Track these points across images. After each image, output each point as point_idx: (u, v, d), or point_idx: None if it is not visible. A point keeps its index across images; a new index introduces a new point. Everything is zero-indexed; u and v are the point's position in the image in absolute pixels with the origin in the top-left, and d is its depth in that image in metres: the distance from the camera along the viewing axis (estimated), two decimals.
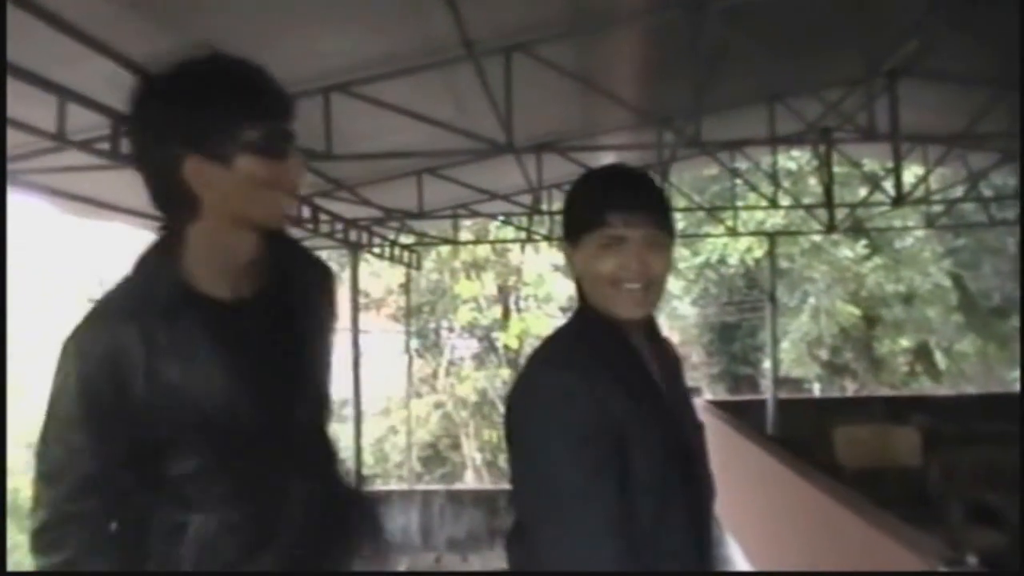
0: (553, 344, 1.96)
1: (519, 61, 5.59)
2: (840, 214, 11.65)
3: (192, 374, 1.74)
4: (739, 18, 5.63)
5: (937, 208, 12.22)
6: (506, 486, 1.93)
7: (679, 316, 20.99)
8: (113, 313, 1.75)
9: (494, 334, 19.09)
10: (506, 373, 18.73)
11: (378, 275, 17.73)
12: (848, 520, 5.28)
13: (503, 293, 19.07)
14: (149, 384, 1.71)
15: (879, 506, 5.23)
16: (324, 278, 2.01)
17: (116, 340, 1.71)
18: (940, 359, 18.40)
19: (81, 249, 20.42)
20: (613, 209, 1.84)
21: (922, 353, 18.47)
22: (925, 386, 18.31)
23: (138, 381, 1.71)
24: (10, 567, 2.32)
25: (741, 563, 8.87)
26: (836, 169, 11.65)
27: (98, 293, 1.82)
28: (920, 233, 17.00)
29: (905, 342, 18.75)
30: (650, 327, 2.00)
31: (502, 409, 14.08)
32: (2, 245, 2.98)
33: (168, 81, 1.70)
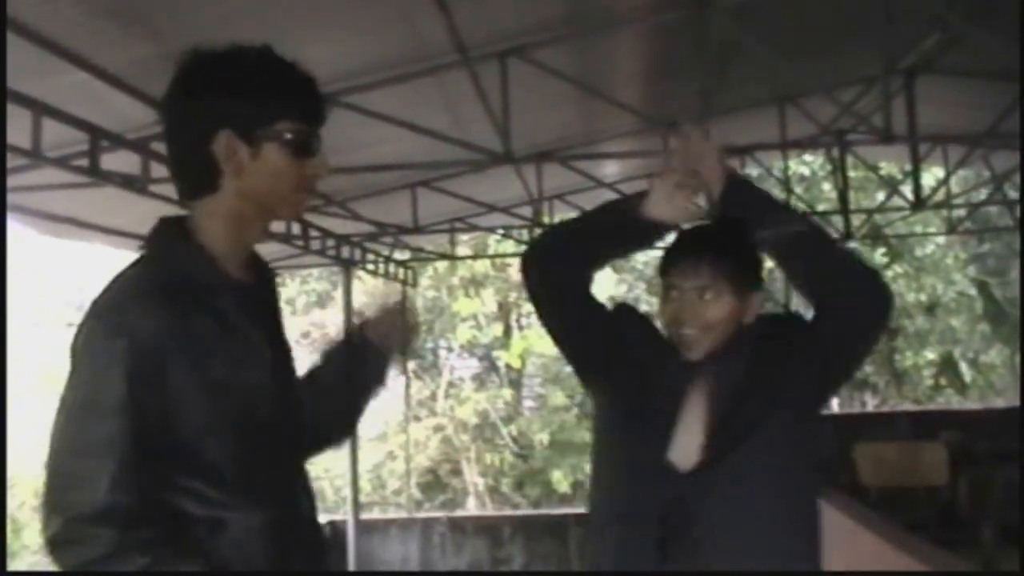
0: None
1: (515, 66, 5.59)
2: (856, 220, 11.63)
3: (234, 357, 1.80)
4: (746, 16, 5.64)
5: (959, 212, 12.22)
6: (510, 513, 2.07)
7: None
8: (150, 292, 1.75)
9: (495, 353, 19.05)
10: (508, 394, 18.68)
11: (372, 294, 17.70)
12: (874, 544, 5.25)
13: (504, 310, 19.03)
14: (195, 368, 1.74)
15: (906, 528, 5.20)
16: (275, 277, 2.11)
17: (159, 320, 1.72)
18: (966, 371, 18.33)
19: (57, 271, 20.40)
20: (670, 262, 2.28)
21: (947, 365, 18.40)
22: (951, 400, 18.25)
23: (184, 364, 1.73)
24: None
25: None
26: (851, 173, 11.66)
27: (76, 318, 1.82)
28: (942, 239, 16.98)
29: (929, 354, 18.68)
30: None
31: (504, 431, 14.21)
32: (2, 260, 3.06)
33: (218, 57, 1.84)
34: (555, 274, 2.32)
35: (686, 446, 2.19)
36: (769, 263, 2.31)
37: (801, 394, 2.24)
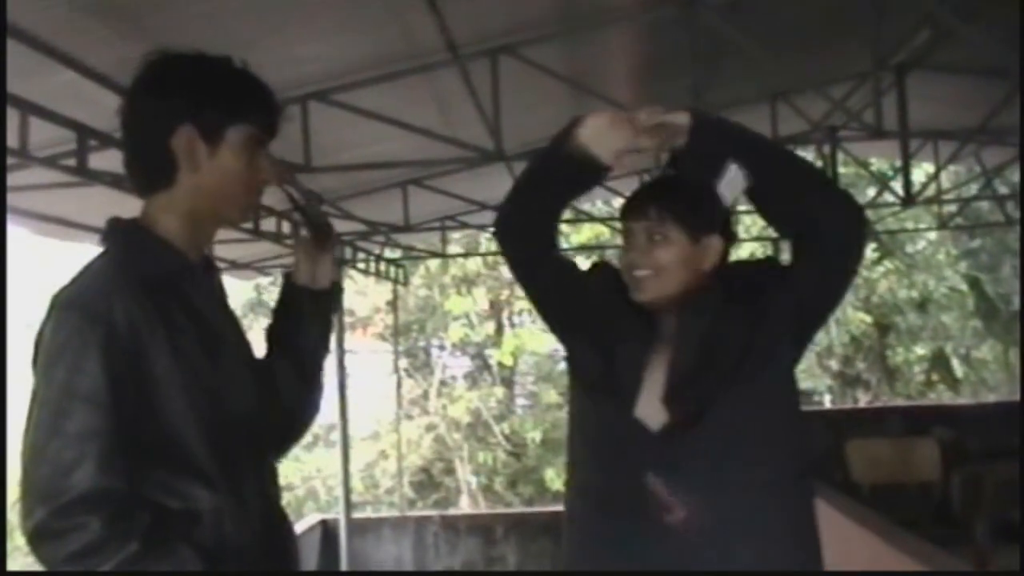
0: None
1: (506, 64, 5.58)
2: None
3: (206, 347, 1.83)
4: (737, 13, 5.63)
5: (950, 208, 12.24)
6: (503, 511, 2.05)
7: None
8: (122, 282, 1.77)
9: (487, 351, 19.05)
10: (500, 392, 18.67)
11: (364, 293, 17.67)
12: (867, 541, 5.26)
13: (496, 308, 19.03)
14: (170, 356, 1.76)
15: (899, 525, 5.20)
16: (220, 276, 2.12)
17: (133, 309, 1.73)
18: (958, 367, 18.37)
19: (48, 271, 20.33)
20: (626, 206, 2.28)
21: (939, 361, 18.43)
22: (943, 396, 18.29)
23: (159, 353, 1.75)
24: None
25: None
26: (842, 169, 11.68)
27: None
28: (933, 235, 16.99)
29: (920, 350, 18.73)
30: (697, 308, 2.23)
31: (497, 430, 14.19)
32: (2, 260, 3.09)
33: (186, 57, 1.89)
34: (521, 237, 2.34)
35: (651, 403, 2.16)
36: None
37: (775, 340, 2.19)
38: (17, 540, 15.60)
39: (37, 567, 1.70)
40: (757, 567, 2.09)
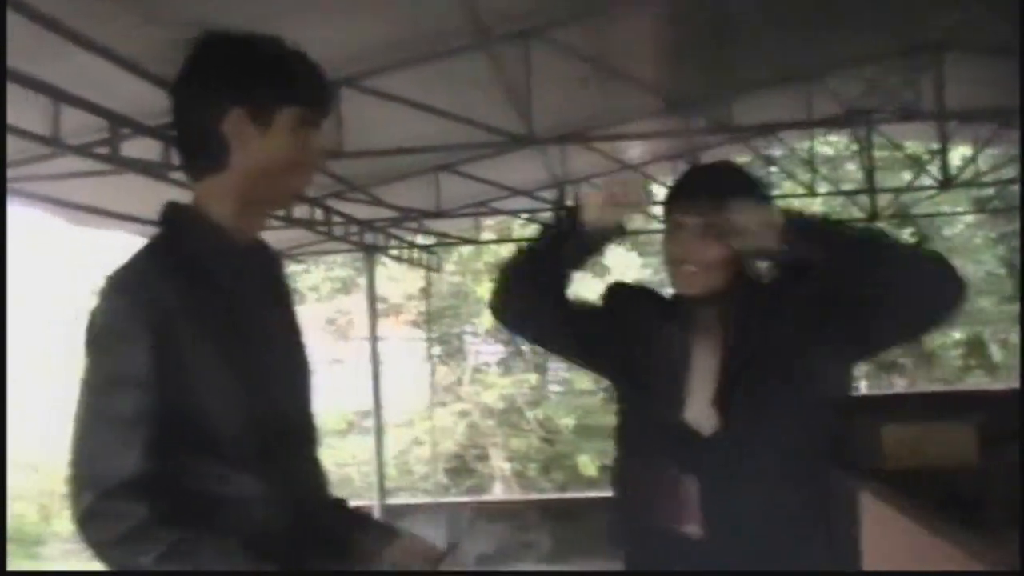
0: None
1: (537, 47, 5.54)
2: (883, 200, 11.51)
3: (251, 334, 1.82)
4: None
5: (988, 191, 12.08)
6: (536, 497, 2.08)
7: None
8: (169, 268, 1.77)
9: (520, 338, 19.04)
10: (533, 378, 18.66)
11: (396, 279, 17.70)
12: (903, 526, 5.20)
13: None
14: (215, 342, 1.76)
15: (935, 510, 5.14)
16: (282, 265, 2.12)
17: (180, 294, 1.74)
18: (996, 352, 18.19)
19: (74, 260, 20.48)
20: (674, 198, 2.25)
21: (976, 346, 18.25)
22: (980, 381, 18.11)
23: (204, 338, 1.74)
24: None
25: None
26: (877, 153, 11.55)
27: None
28: (970, 219, 16.80)
29: (957, 334, 18.56)
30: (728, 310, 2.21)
31: (530, 416, 14.21)
32: (2, 251, 3.12)
33: (232, 38, 1.87)
34: (525, 315, 2.36)
35: (701, 406, 2.16)
36: None
37: (824, 339, 2.15)
38: (54, 526, 15.78)
39: (77, 558, 1.70)
40: (797, 568, 2.11)
